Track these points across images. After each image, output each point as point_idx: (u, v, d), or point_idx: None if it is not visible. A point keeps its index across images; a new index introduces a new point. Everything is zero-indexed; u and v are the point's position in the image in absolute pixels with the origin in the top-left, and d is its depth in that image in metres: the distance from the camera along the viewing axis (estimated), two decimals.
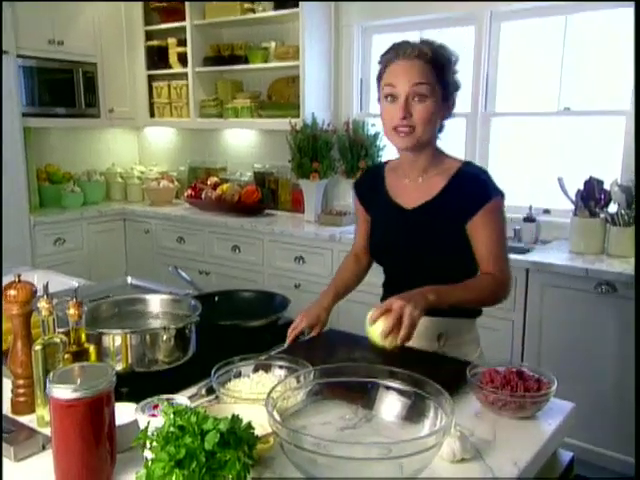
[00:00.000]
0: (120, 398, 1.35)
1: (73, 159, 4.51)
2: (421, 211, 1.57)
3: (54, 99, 4.02)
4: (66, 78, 4.03)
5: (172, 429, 0.98)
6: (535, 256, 2.83)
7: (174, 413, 1.00)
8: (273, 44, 3.87)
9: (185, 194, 4.23)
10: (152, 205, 4.37)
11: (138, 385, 1.39)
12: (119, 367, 1.42)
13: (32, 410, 1.28)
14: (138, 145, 4.99)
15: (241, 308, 1.87)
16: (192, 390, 1.42)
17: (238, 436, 0.97)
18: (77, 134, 4.51)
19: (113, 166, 4.72)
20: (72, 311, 1.22)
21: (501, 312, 2.81)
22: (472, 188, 1.53)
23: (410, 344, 1.42)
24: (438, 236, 1.55)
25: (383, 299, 1.73)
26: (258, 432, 1.12)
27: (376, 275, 1.79)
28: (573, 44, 3.16)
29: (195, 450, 0.95)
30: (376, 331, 1.40)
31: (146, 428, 0.99)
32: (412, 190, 1.60)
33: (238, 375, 1.39)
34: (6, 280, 1.31)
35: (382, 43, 3.77)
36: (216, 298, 1.89)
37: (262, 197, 3.92)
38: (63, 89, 4.05)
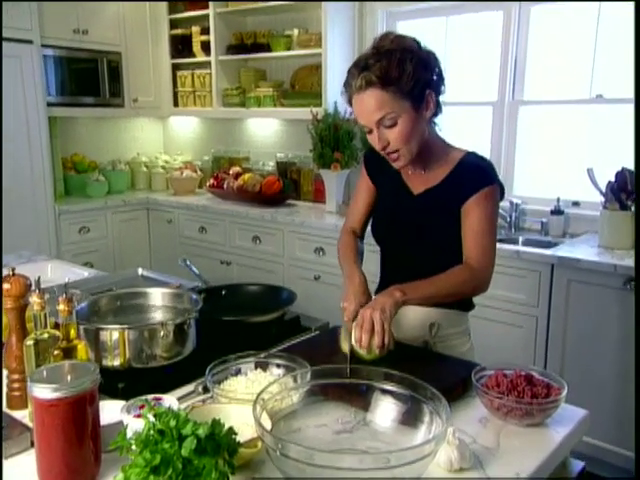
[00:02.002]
0: (116, 394, 1.34)
1: (99, 148, 4.54)
2: (426, 196, 1.58)
3: (79, 89, 4.05)
4: (91, 67, 4.05)
5: (151, 433, 0.95)
6: (561, 250, 2.73)
7: (154, 416, 0.97)
8: (296, 31, 3.80)
9: (207, 184, 4.22)
10: (175, 195, 4.36)
11: (135, 381, 1.38)
12: (117, 362, 1.40)
13: (26, 405, 1.26)
14: (163, 134, 5.00)
15: (248, 302, 1.84)
16: (189, 387, 1.39)
17: (217, 442, 0.93)
18: (103, 123, 4.54)
19: (138, 155, 4.74)
20: (62, 307, 1.19)
21: (524, 308, 2.74)
22: (472, 174, 1.53)
23: (402, 334, 1.39)
24: (440, 218, 1.56)
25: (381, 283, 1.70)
26: (250, 434, 1.09)
27: None
28: (607, 28, 3.02)
29: (172, 456, 0.92)
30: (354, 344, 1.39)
31: (124, 431, 0.97)
32: (417, 178, 1.61)
33: (238, 372, 1.36)
34: (23, 267, 1.30)
35: (407, 30, 3.67)
36: (223, 292, 1.87)
37: (283, 187, 3.87)
38: (88, 79, 4.06)
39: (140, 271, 2.13)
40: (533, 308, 2.72)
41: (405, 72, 1.39)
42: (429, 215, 1.57)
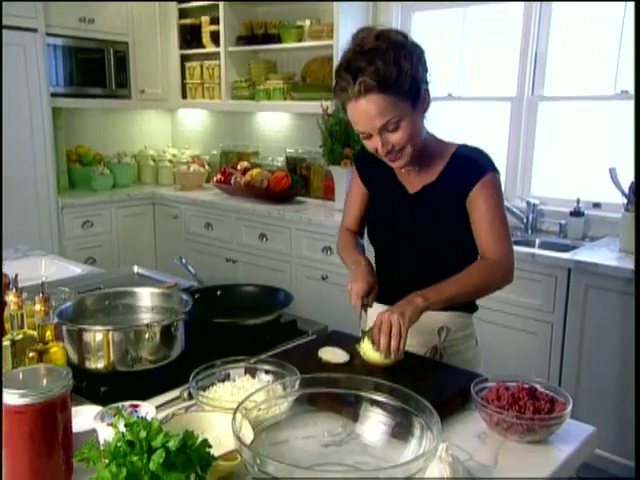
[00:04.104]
0: (97, 398, 1.28)
1: (105, 141, 4.45)
2: (422, 194, 1.54)
3: (85, 79, 3.96)
4: (97, 58, 3.96)
5: (120, 444, 0.88)
6: (579, 254, 2.62)
7: (125, 426, 0.90)
8: (308, 22, 3.71)
9: (214, 179, 4.14)
10: (182, 189, 4.28)
11: (119, 385, 1.33)
12: (100, 365, 1.35)
13: None
14: (171, 127, 4.91)
15: (244, 303, 1.78)
16: (175, 393, 1.33)
17: (188, 455, 0.86)
18: (110, 115, 4.46)
19: (145, 149, 4.65)
20: (38, 307, 1.13)
21: (539, 314, 2.64)
22: (467, 166, 1.48)
23: (410, 340, 1.35)
24: (439, 216, 1.52)
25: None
26: (232, 445, 1.02)
27: None
28: (633, 19, 2.89)
29: (140, 470, 0.86)
30: (366, 348, 1.35)
31: (92, 441, 0.90)
32: (412, 176, 1.56)
33: (226, 378, 1.30)
34: (17, 263, 1.25)
35: (423, 21, 3.57)
36: (218, 292, 1.81)
37: (292, 183, 3.79)
38: (94, 69, 3.98)
39: (136, 269, 2.07)
40: (548, 314, 2.61)
41: (402, 71, 1.32)
42: (427, 213, 1.52)
